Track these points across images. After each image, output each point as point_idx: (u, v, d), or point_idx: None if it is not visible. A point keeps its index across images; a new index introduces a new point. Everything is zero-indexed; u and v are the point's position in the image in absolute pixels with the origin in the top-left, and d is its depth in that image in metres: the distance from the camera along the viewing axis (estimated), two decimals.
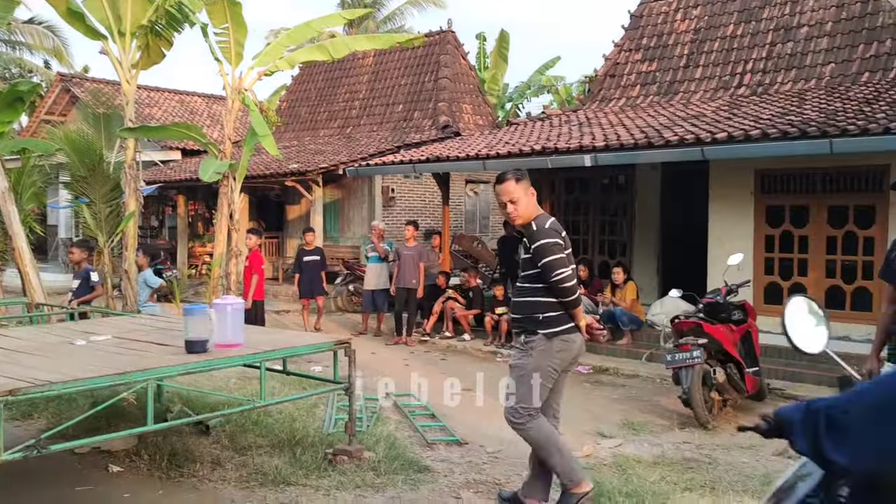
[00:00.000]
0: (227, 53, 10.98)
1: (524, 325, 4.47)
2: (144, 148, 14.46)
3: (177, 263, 19.34)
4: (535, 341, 4.39)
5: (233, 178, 11.15)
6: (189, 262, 19.89)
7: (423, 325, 12.08)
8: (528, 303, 4.45)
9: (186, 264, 19.66)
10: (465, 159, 11.79)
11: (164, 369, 4.25)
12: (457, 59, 19.34)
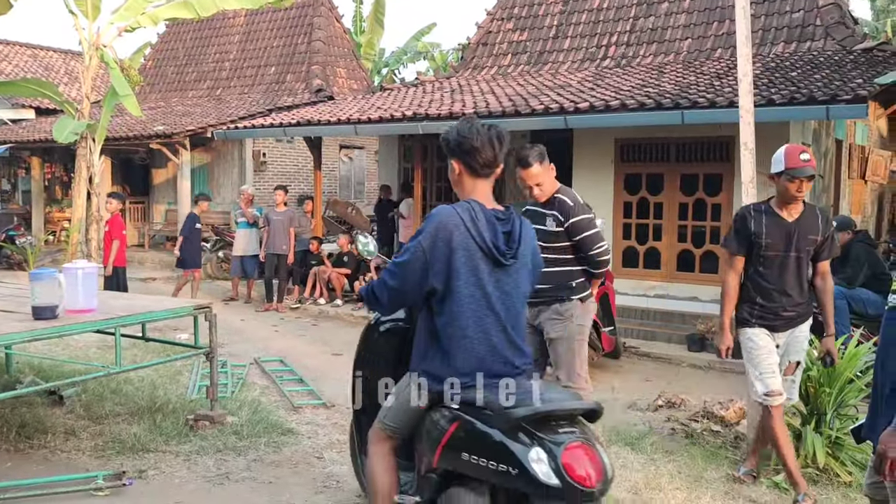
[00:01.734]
0: (83, 6, 10.46)
1: (555, 294, 4.62)
2: None
3: (32, 230, 18.29)
4: (571, 308, 4.63)
5: (92, 140, 10.69)
6: (46, 229, 18.84)
7: (294, 291, 12.00)
8: (560, 272, 4.62)
9: (43, 230, 18.61)
10: (336, 123, 11.70)
11: (7, 336, 4.07)
12: (331, 21, 19.06)
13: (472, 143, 2.93)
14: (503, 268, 2.88)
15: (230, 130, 13.62)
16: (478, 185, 2.98)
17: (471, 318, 2.83)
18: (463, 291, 2.82)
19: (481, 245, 2.83)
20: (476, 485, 2.72)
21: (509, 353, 2.89)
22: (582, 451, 2.54)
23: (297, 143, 17.39)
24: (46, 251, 16.23)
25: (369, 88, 19.22)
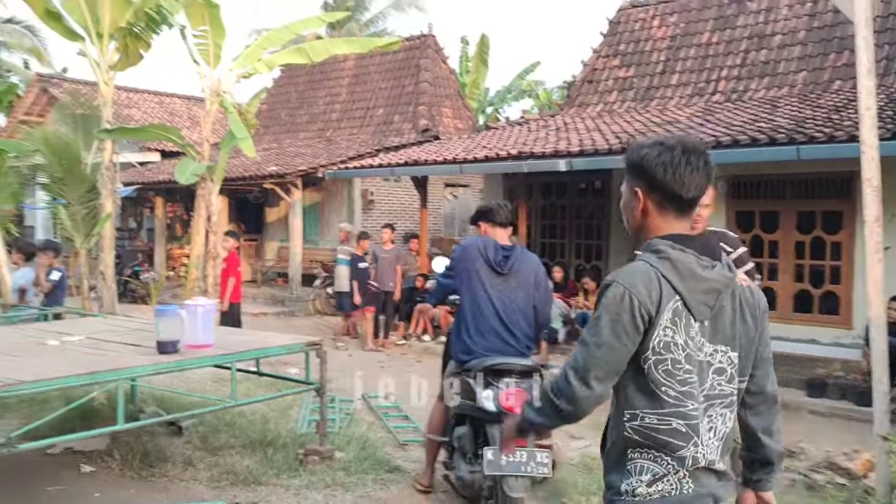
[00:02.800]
0: (206, 55, 11.01)
1: None
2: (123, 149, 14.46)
3: (154, 265, 19.29)
4: None
5: (211, 180, 11.18)
6: (167, 265, 19.83)
7: (400, 327, 12.15)
8: None
9: (164, 266, 19.60)
10: (442, 163, 11.88)
11: (134, 369, 4.30)
12: (437, 62, 19.44)
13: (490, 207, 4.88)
14: (501, 276, 4.62)
15: (340, 170, 14.04)
16: (497, 231, 4.79)
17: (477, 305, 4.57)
18: (474, 288, 4.60)
19: (486, 260, 4.61)
20: (466, 420, 4.52)
21: (504, 333, 4.55)
22: (515, 391, 4.13)
23: (403, 182, 17.73)
24: (167, 286, 17.07)
25: (474, 127, 19.46)
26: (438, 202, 19.15)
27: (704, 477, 2.07)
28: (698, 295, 2.04)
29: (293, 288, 16.36)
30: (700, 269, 2.04)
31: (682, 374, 2.02)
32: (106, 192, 11.18)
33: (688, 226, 2.14)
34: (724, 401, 2.11)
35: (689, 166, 2.07)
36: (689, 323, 2.04)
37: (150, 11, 10.29)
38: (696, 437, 2.02)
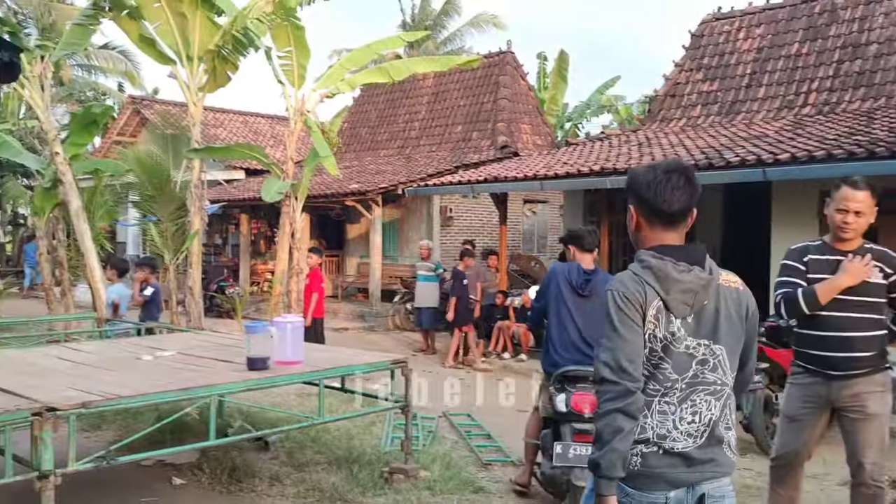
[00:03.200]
0: (290, 76, 11.24)
1: (876, 362, 3.95)
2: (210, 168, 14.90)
3: (239, 281, 19.77)
4: (889, 377, 4.00)
5: (294, 198, 11.37)
6: (251, 280, 20.30)
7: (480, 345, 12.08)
8: (878, 337, 3.96)
9: (248, 281, 20.07)
10: (522, 180, 11.82)
11: (226, 385, 4.37)
12: (516, 79, 19.43)
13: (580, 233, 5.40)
14: (582, 297, 5.07)
15: (420, 188, 14.13)
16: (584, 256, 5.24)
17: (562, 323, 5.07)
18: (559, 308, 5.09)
19: (570, 283, 5.09)
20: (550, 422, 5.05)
21: (584, 347, 4.93)
22: (585, 395, 4.68)
23: (481, 198, 17.71)
24: (251, 301, 17.46)
25: (553, 143, 19.34)
26: (517, 218, 19.06)
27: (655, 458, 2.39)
28: (676, 295, 2.38)
29: (373, 303, 16.51)
30: (676, 273, 2.38)
31: (657, 360, 2.40)
32: (194, 210, 11.49)
33: (677, 237, 2.48)
34: (708, 388, 2.43)
35: (670, 184, 2.42)
36: (669, 320, 2.40)
37: (237, 34, 10.57)
38: (646, 413, 2.40)
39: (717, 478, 2.42)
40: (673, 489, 2.38)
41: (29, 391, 3.98)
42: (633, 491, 2.39)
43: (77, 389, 4.11)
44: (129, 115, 25.30)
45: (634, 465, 2.38)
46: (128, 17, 10.90)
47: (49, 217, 12.04)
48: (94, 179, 13.07)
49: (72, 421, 3.68)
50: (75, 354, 5.61)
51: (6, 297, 16.40)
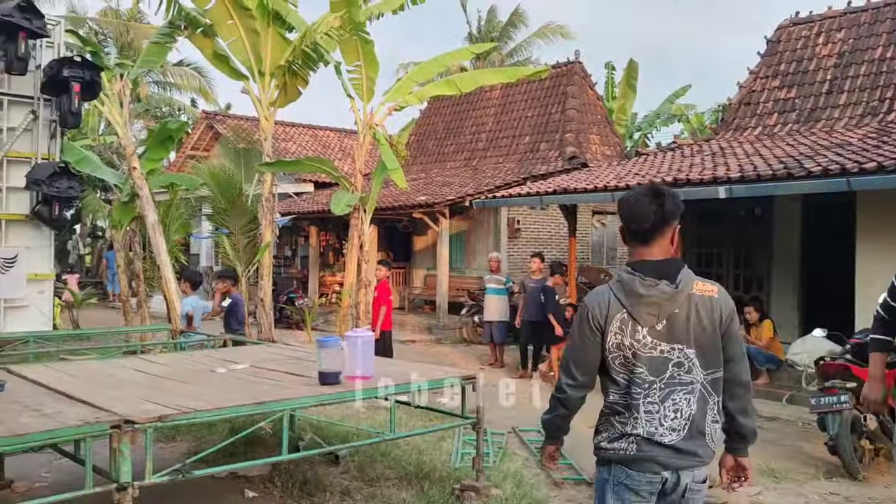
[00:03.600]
0: (359, 90, 11.33)
1: None
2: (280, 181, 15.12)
3: (308, 292, 20.00)
4: None
5: (363, 210, 11.43)
6: (319, 291, 20.52)
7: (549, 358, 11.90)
8: None
9: (317, 293, 20.29)
10: (592, 191, 11.62)
11: (299, 400, 4.37)
12: (584, 89, 19.22)
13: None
14: None
15: (488, 199, 14.05)
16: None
17: None
18: None
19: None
20: None
21: None
22: None
23: (549, 210, 17.55)
24: (320, 312, 17.64)
25: (622, 154, 19.05)
26: (586, 230, 18.81)
27: (648, 445, 2.76)
28: (641, 307, 2.73)
29: (440, 316, 16.48)
30: (642, 289, 2.73)
31: (630, 366, 2.77)
32: (265, 223, 11.66)
33: (657, 251, 2.79)
34: (685, 388, 2.77)
35: (640, 205, 2.79)
36: (634, 329, 2.75)
37: (307, 49, 10.71)
38: (636, 413, 2.76)
39: (697, 467, 2.81)
40: (665, 470, 2.77)
41: (108, 403, 4.04)
42: (633, 472, 2.79)
43: (154, 402, 4.15)
44: (202, 129, 25.95)
45: (631, 451, 2.78)
46: (202, 34, 11.17)
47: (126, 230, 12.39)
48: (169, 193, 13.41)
49: (149, 434, 3.72)
50: (151, 366, 5.70)
51: (86, 307, 16.93)
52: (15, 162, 8.69)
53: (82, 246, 28.23)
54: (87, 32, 23.81)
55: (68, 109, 8.61)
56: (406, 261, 20.09)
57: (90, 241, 28.45)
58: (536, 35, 30.67)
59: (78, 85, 8.50)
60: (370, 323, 10.77)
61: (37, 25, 8.20)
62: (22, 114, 8.76)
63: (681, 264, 2.81)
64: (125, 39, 26.05)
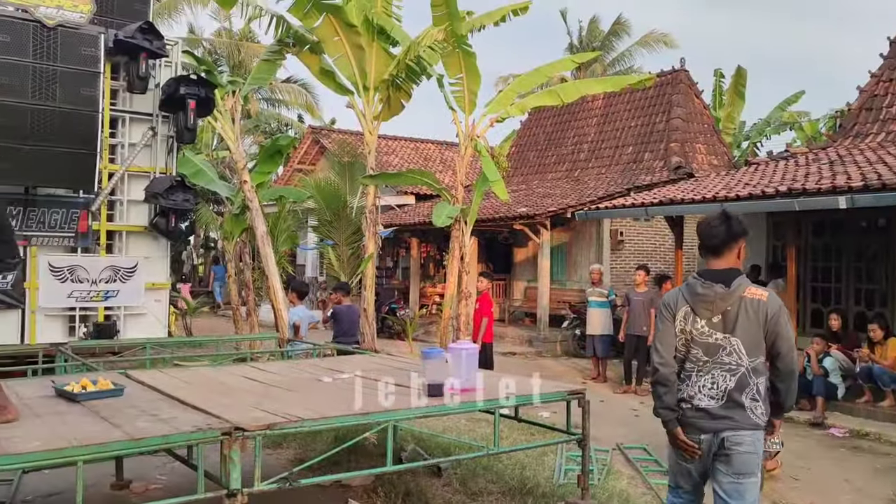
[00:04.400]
0: (461, 102, 11.37)
1: None
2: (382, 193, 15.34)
3: (409, 303, 20.18)
4: None
5: (464, 222, 11.44)
6: (420, 302, 20.67)
7: None
8: None
9: (418, 304, 20.44)
10: (700, 202, 11.25)
11: (404, 412, 4.36)
12: (690, 98, 18.69)
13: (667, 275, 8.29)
14: None
15: (591, 211, 13.82)
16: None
17: None
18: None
19: None
20: None
21: None
22: None
23: (654, 222, 17.13)
24: (420, 323, 17.76)
25: (730, 163, 18.41)
26: (693, 242, 18.23)
27: (691, 411, 3.68)
28: (699, 304, 3.66)
29: (541, 328, 16.31)
30: (701, 290, 3.66)
31: (688, 347, 3.70)
32: (369, 234, 11.83)
33: (723, 262, 3.69)
34: (725, 367, 3.63)
35: (711, 226, 3.73)
36: (694, 320, 3.68)
37: (410, 63, 10.83)
38: (688, 382, 3.70)
39: (733, 429, 3.59)
40: (702, 433, 3.65)
41: (219, 410, 4.14)
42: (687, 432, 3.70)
43: (263, 410, 4.23)
44: (308, 144, 26.67)
45: (680, 415, 3.72)
46: (309, 51, 11.47)
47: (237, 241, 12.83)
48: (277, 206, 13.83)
49: (258, 441, 3.78)
50: (260, 374, 5.83)
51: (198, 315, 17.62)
52: (135, 176, 9.11)
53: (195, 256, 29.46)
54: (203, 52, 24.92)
55: (185, 126, 8.98)
56: (506, 272, 20.00)
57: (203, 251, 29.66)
58: (639, 44, 30.13)
59: (194, 102, 8.85)
60: (471, 335, 10.75)
61: (157, 46, 8.59)
62: (141, 130, 9.18)
63: (738, 273, 3.68)
64: (237, 58, 27.10)
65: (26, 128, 7.63)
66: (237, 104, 11.45)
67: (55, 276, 8.47)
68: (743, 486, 3.60)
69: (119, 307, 8.77)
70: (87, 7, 8.20)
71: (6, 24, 7.55)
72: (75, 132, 7.92)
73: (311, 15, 10.67)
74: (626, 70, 29.77)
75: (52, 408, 4.38)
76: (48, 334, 8.39)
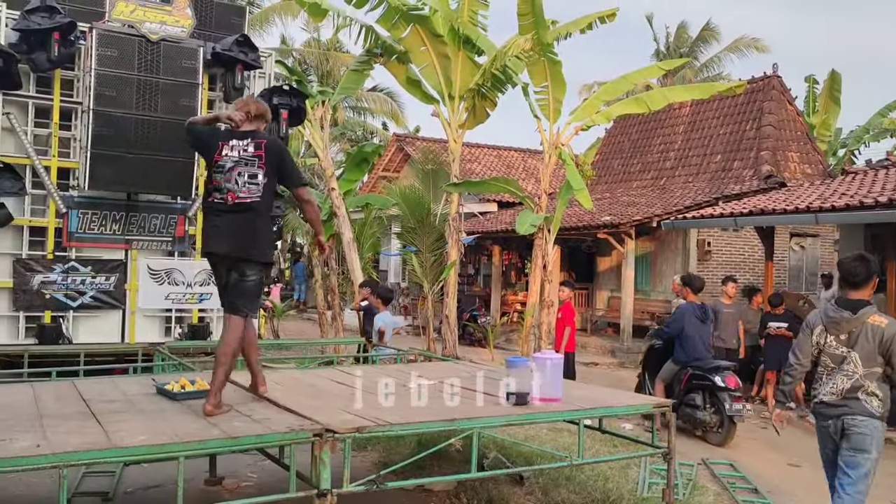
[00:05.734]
0: (546, 110, 11.37)
1: None
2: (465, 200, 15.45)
3: (490, 310, 20.21)
4: None
5: (547, 230, 11.44)
6: (501, 310, 20.68)
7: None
8: None
9: (499, 311, 20.46)
10: (793, 212, 10.92)
11: (489, 419, 4.40)
12: (782, 104, 18.14)
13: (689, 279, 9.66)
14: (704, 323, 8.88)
15: (678, 221, 13.59)
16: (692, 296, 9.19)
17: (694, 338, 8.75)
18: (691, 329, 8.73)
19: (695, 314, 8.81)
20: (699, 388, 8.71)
21: (705, 353, 8.83)
22: (732, 376, 8.54)
23: (743, 232, 16.67)
24: (501, 331, 17.77)
25: (825, 172, 17.77)
26: (783, 253, 17.69)
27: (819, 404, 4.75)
28: (831, 324, 4.67)
29: (623, 339, 16.10)
30: (832, 314, 4.67)
31: (822, 356, 4.72)
32: (452, 241, 11.95)
33: (857, 294, 4.67)
34: (844, 373, 4.61)
35: (853, 265, 4.70)
36: (826, 337, 4.70)
37: (496, 72, 10.90)
38: (819, 382, 4.75)
39: (850, 415, 4.56)
40: (828, 419, 4.67)
41: (310, 412, 4.27)
42: (818, 420, 4.79)
43: (351, 413, 4.35)
44: (393, 151, 27.04)
45: (813, 408, 4.85)
46: (397, 61, 11.69)
47: None
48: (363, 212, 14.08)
49: (347, 444, 3.89)
50: (347, 378, 5.97)
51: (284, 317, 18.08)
52: None
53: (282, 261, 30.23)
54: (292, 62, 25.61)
55: (277, 135, 9.25)
56: (589, 282, 19.81)
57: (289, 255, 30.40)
58: (729, 49, 29.44)
59: (286, 112, 9.11)
60: (553, 344, 10.72)
61: (252, 58, 8.90)
62: None
63: (866, 303, 4.65)
64: (325, 68, 27.73)
65: (130, 137, 8.03)
66: (326, 113, 11.74)
67: (153, 279, 8.85)
68: (856, 459, 4.52)
69: (212, 309, 9.09)
70: (187, 22, 8.57)
71: (115, 40, 7.97)
72: (175, 141, 8.26)
73: (398, 25, 10.88)
74: (714, 76, 29.13)
75: (155, 405, 4.60)
76: (146, 334, 8.77)
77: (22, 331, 8.12)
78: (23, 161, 8.06)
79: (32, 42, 7.65)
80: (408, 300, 22.54)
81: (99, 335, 8.50)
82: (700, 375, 8.63)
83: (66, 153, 8.38)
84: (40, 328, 8.12)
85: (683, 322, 8.77)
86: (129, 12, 8.18)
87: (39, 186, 8.23)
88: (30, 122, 8.18)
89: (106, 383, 5.52)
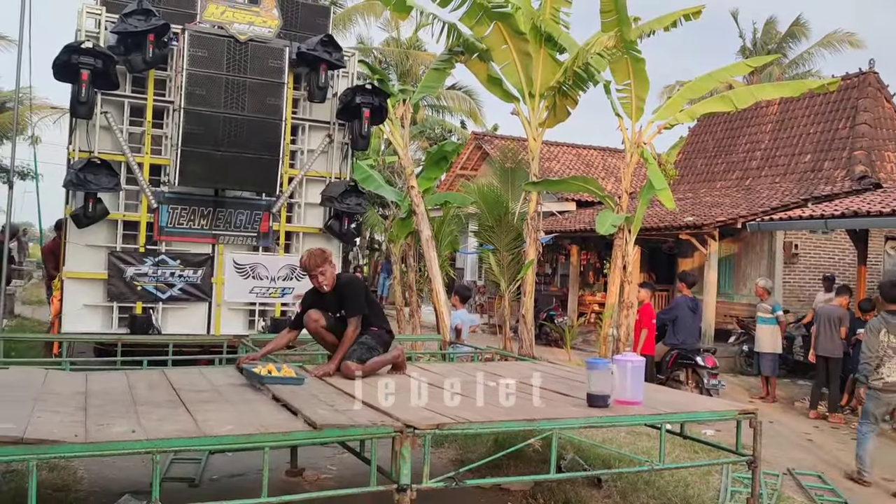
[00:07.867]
0: (628, 108, 11.17)
1: None
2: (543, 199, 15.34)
3: (567, 310, 20.03)
4: None
5: (628, 231, 11.23)
6: (578, 310, 20.46)
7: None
8: None
9: (576, 312, 20.25)
10: (889, 215, 10.47)
11: (569, 421, 4.36)
12: (879, 102, 17.37)
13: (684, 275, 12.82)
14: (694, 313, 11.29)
15: (764, 222, 13.19)
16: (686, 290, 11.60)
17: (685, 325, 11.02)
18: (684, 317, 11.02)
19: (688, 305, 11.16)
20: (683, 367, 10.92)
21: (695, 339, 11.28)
22: (711, 357, 10.75)
23: (833, 235, 16.08)
24: (578, 331, 17.58)
25: None
26: (877, 257, 16.96)
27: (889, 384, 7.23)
28: (891, 327, 7.26)
29: (705, 343, 15.71)
30: (892, 320, 7.31)
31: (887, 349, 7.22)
32: (530, 241, 11.87)
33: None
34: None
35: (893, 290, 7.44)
36: (889, 335, 7.24)
37: (578, 70, 10.77)
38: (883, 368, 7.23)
39: None
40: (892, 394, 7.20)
41: (389, 408, 4.32)
42: (883, 394, 7.21)
43: (430, 410, 4.37)
44: (471, 150, 27.07)
45: (882, 385, 7.20)
46: (478, 59, 11.67)
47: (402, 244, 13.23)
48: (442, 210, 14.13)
49: (427, 440, 3.91)
50: (425, 374, 6.00)
51: None
52: (312, 180, 9.62)
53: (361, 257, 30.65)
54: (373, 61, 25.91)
55: (359, 133, 9.38)
56: (669, 283, 19.39)
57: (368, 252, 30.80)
58: (820, 44, 28.40)
59: (368, 111, 9.23)
60: (631, 346, 10.54)
61: (336, 58, 9.05)
62: (319, 137, 9.68)
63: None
64: (405, 66, 27.96)
65: (219, 135, 8.27)
66: (407, 112, 11.82)
67: (239, 273, 9.11)
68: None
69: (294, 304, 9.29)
70: (274, 22, 8.77)
71: (205, 41, 8.22)
72: (261, 139, 8.50)
73: (481, 23, 10.86)
74: (804, 73, 28.15)
75: (241, 395, 4.73)
76: (230, 327, 9.03)
77: (115, 320, 8.47)
78: (118, 158, 8.42)
79: (129, 44, 7.97)
80: (484, 298, 22.54)
81: (186, 326, 8.81)
82: (685, 356, 10.70)
83: (158, 150, 8.70)
84: (132, 318, 8.45)
85: (678, 311, 10.94)
86: (219, 13, 8.43)
87: (133, 182, 8.57)
88: (125, 120, 8.52)
89: (194, 373, 5.70)
